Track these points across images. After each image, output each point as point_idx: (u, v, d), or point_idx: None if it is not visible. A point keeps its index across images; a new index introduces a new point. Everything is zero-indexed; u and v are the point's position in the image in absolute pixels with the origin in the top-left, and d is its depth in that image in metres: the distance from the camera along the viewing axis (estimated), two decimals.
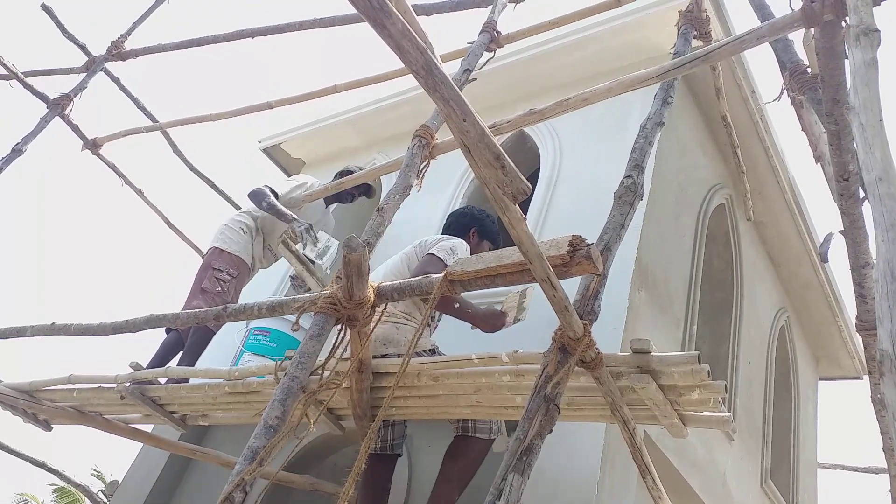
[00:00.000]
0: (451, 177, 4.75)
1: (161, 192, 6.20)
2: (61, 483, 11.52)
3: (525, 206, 4.22)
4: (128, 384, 3.33)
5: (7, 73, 5.06)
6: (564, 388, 2.04)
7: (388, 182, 4.67)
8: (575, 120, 4.15)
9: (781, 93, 2.74)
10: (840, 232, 2.43)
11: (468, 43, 3.62)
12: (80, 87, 5.25)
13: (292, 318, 2.42)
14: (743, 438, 4.67)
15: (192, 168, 6.19)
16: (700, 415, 2.35)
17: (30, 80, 5.15)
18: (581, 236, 1.88)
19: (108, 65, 5.47)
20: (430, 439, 3.40)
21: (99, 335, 2.97)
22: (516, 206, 1.63)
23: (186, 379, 3.48)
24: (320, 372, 2.19)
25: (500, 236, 3.45)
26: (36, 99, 5.13)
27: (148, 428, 3.99)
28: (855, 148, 1.83)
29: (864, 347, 2.78)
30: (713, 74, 4.16)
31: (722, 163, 5.05)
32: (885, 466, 2.82)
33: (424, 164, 2.97)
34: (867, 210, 2.00)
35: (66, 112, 5.19)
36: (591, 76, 4.42)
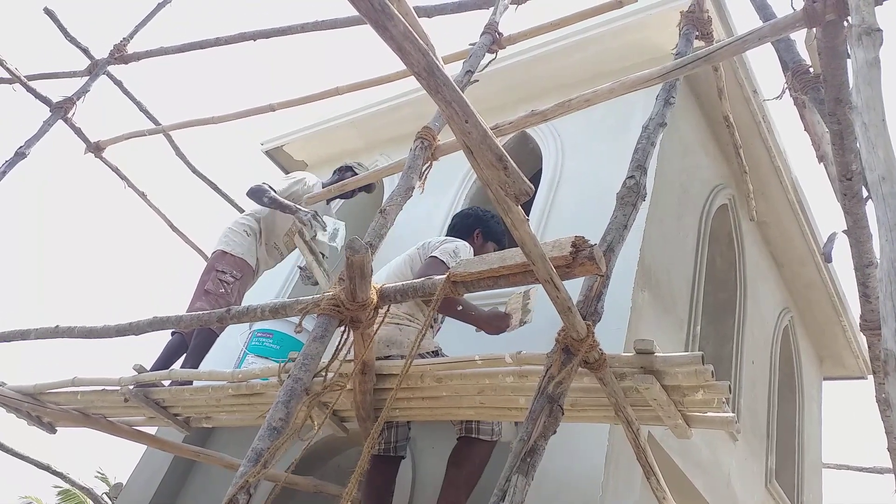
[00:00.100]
0: (454, 178, 4.75)
1: (164, 195, 6.21)
2: (66, 486, 11.55)
3: (528, 207, 4.22)
4: (131, 386, 3.33)
5: (10, 77, 5.08)
6: (568, 388, 2.04)
7: (391, 184, 4.68)
8: (577, 121, 4.15)
9: (783, 92, 2.73)
10: (843, 231, 2.42)
11: (470, 44, 3.63)
12: (82, 91, 5.26)
13: (295, 320, 2.43)
14: (747, 439, 4.66)
15: (194, 170, 6.19)
16: (704, 415, 2.35)
17: (33, 84, 5.16)
18: (584, 237, 1.88)
19: (111, 68, 5.48)
20: (433, 441, 3.40)
21: (102, 338, 2.97)
22: (519, 207, 1.63)
23: (190, 381, 3.49)
24: (324, 374, 2.18)
25: (506, 237, 3.41)
26: (39, 102, 5.14)
27: (152, 430, 3.99)
28: (858, 147, 1.82)
29: (869, 347, 2.77)
30: (715, 75, 4.15)
31: (724, 163, 5.05)
32: (890, 466, 2.81)
33: (427, 165, 2.96)
34: (870, 209, 2.00)
35: (69, 115, 5.20)
36: (593, 77, 4.42)
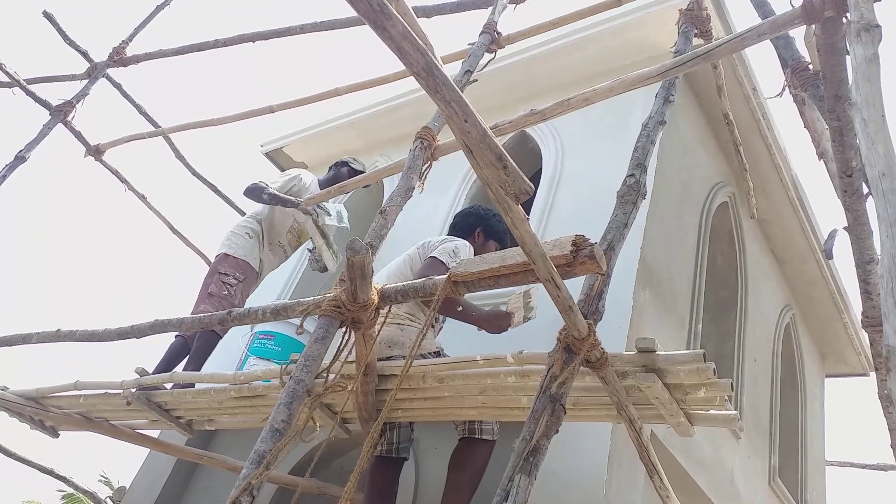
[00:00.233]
0: (454, 178, 4.74)
1: (164, 197, 6.20)
2: (69, 489, 11.55)
3: (528, 206, 4.22)
4: (134, 390, 3.33)
5: (9, 81, 5.08)
6: (570, 388, 2.04)
7: (391, 184, 4.68)
8: (576, 120, 4.15)
9: (783, 90, 2.73)
10: (844, 228, 2.42)
11: (469, 44, 3.62)
12: (82, 94, 5.26)
13: (297, 321, 2.42)
14: (750, 436, 4.65)
15: (194, 173, 6.19)
16: (706, 413, 2.34)
17: (32, 87, 5.16)
18: (584, 236, 1.88)
19: (110, 71, 5.48)
20: (437, 442, 3.39)
21: (104, 341, 2.97)
22: (519, 206, 1.63)
23: (192, 384, 3.49)
24: (325, 375, 2.19)
25: (508, 236, 3.40)
26: (38, 106, 5.13)
27: (154, 433, 3.99)
28: (858, 144, 1.82)
29: (871, 344, 2.77)
30: (714, 72, 4.15)
31: (724, 161, 5.05)
32: (893, 463, 2.81)
33: (426, 165, 2.96)
34: (871, 206, 1.99)
35: (69, 119, 5.20)
36: (592, 76, 4.42)
